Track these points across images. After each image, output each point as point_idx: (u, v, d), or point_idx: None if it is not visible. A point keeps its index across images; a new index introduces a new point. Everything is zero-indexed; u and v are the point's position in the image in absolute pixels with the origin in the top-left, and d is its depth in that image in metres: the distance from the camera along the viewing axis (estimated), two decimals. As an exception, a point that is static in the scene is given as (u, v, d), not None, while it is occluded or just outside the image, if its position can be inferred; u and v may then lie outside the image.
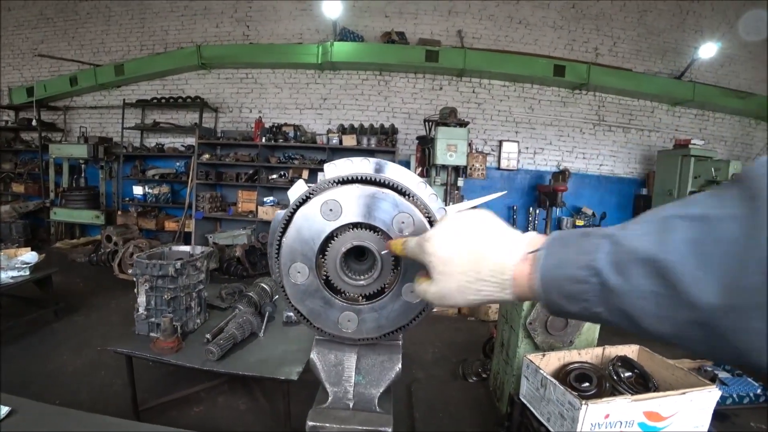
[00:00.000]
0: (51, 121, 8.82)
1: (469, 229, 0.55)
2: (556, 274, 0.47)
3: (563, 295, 0.47)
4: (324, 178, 0.74)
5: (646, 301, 0.41)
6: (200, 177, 7.46)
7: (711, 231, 0.38)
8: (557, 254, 0.48)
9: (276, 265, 0.71)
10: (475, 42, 7.71)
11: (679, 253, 0.38)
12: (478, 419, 3.06)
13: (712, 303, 0.36)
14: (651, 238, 0.41)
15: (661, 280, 0.39)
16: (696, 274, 0.37)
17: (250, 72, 8.08)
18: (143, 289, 2.78)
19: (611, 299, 0.43)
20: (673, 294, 0.39)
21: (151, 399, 3.01)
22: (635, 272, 0.41)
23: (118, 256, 6.12)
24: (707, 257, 0.37)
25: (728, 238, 0.37)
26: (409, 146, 7.68)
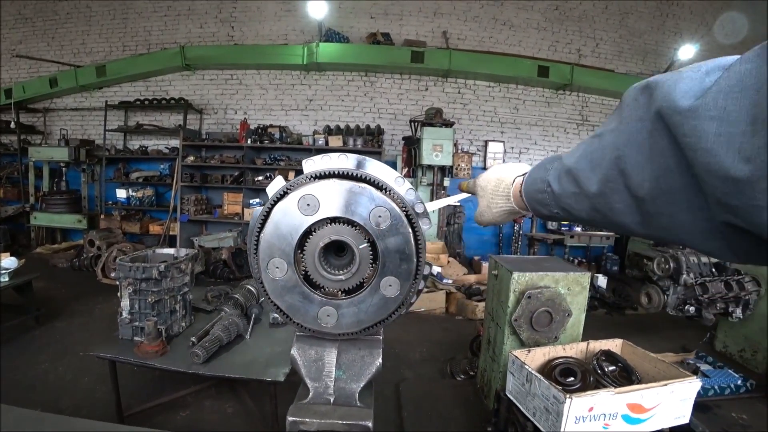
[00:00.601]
0: (30, 124, 8.63)
1: (498, 169, 0.83)
2: (531, 188, 0.69)
3: (536, 201, 0.68)
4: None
5: (570, 199, 0.59)
6: (185, 179, 7.37)
7: (599, 142, 0.53)
8: (533, 174, 0.70)
9: (255, 261, 0.71)
10: (460, 43, 7.77)
11: (581, 162, 0.56)
12: (466, 416, 3.08)
13: (595, 192, 0.53)
14: (574, 155, 0.58)
15: (574, 182, 0.57)
16: (587, 174, 0.54)
17: (234, 73, 8.01)
18: (126, 293, 2.73)
19: (556, 200, 0.62)
20: (579, 190, 0.56)
21: (136, 404, 2.96)
22: (563, 180, 0.59)
23: (102, 260, 6.02)
24: (593, 161, 0.53)
25: (603, 146, 0.52)
26: (395, 147, 7.70)
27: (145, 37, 8.24)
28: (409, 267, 0.70)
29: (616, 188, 0.49)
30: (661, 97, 0.43)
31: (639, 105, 0.47)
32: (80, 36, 8.43)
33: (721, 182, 0.38)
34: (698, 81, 0.42)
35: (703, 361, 3.81)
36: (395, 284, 0.71)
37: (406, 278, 0.71)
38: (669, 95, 0.42)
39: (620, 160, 0.48)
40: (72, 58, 8.39)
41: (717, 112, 0.38)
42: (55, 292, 5.41)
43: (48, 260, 6.93)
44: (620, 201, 0.50)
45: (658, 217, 0.47)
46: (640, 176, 0.46)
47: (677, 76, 0.44)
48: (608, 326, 4.96)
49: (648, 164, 0.45)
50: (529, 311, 2.64)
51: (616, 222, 0.52)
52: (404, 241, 0.70)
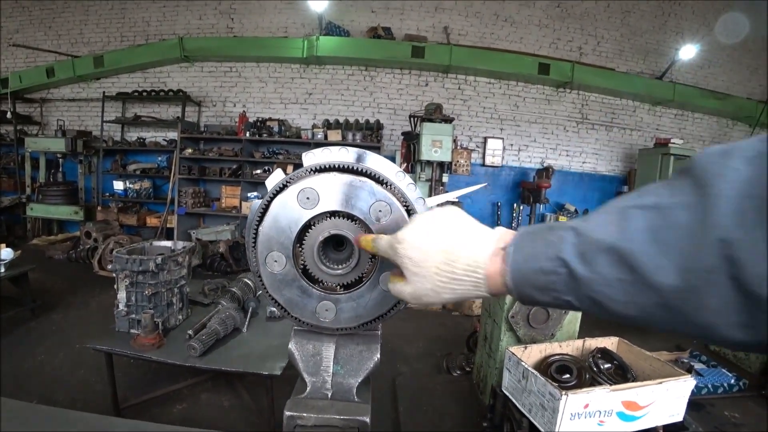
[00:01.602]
0: (27, 114, 8.55)
1: (439, 229, 0.55)
2: (525, 267, 0.49)
3: (534, 287, 0.49)
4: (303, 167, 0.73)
5: (612, 288, 0.43)
6: (183, 172, 7.34)
7: (666, 219, 0.41)
8: (526, 248, 0.50)
9: (253, 254, 0.71)
10: (461, 39, 7.74)
11: (638, 241, 0.41)
12: (462, 412, 3.09)
13: (673, 285, 0.39)
14: (612, 228, 0.43)
15: (625, 268, 0.42)
16: (656, 260, 0.40)
17: (234, 65, 7.96)
18: (123, 285, 2.72)
19: (579, 288, 0.45)
20: (636, 279, 0.41)
21: (132, 397, 2.96)
22: (600, 261, 0.43)
23: (98, 252, 6.00)
24: (664, 243, 0.40)
25: (681, 225, 0.39)
26: (394, 142, 7.67)
27: (143, 27, 8.16)
28: None
29: (717, 281, 0.37)
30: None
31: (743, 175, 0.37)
32: (78, 26, 8.34)
33: None
34: None
35: (697, 360, 3.84)
36: None
37: None
38: None
39: (727, 245, 0.36)
40: (69, 48, 8.30)
41: None
42: (52, 284, 5.39)
43: (44, 252, 6.90)
44: (719, 297, 0.37)
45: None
46: (762, 268, 0.35)
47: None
48: (604, 324, 4.97)
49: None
50: (526, 308, 2.64)
51: (701, 323, 0.39)
52: None
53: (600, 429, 2.02)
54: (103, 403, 2.82)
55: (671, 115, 8.25)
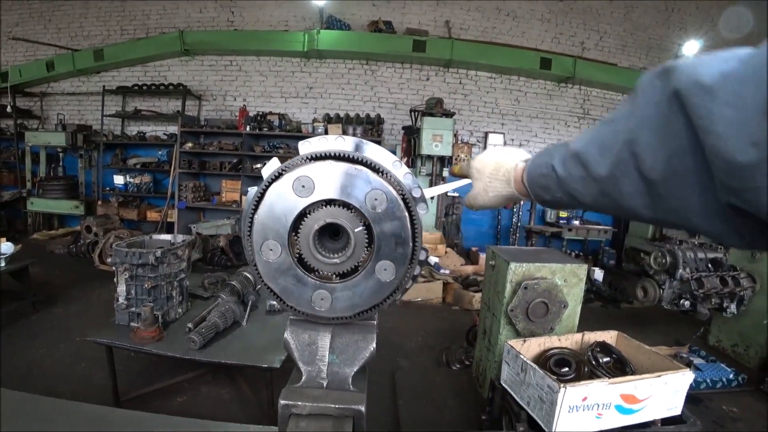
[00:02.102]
0: (27, 108, 8.54)
1: (495, 153, 0.82)
2: (534, 172, 0.69)
3: (539, 186, 0.67)
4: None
5: (576, 183, 0.58)
6: (183, 166, 7.33)
7: (610, 126, 0.53)
8: (536, 160, 0.70)
9: (248, 243, 0.70)
10: (463, 33, 7.70)
11: (590, 146, 0.55)
12: (461, 405, 3.10)
13: (603, 175, 0.53)
14: (582, 139, 0.58)
15: (581, 166, 0.56)
16: (596, 158, 0.54)
17: (234, 59, 7.93)
18: (123, 279, 2.73)
19: (561, 185, 0.61)
20: (587, 174, 0.55)
21: (133, 390, 2.97)
22: (569, 164, 0.59)
23: (99, 246, 6.00)
24: (604, 145, 0.53)
25: (616, 130, 0.52)
26: (395, 136, 7.66)
27: (143, 21, 8.13)
28: (404, 251, 0.69)
29: (627, 171, 0.49)
30: (681, 78, 0.44)
31: (655, 88, 0.47)
32: (77, 19, 8.30)
33: (728, 165, 0.39)
34: (716, 66, 0.42)
35: (696, 354, 3.84)
36: (390, 268, 0.70)
37: (401, 263, 0.70)
38: (688, 76, 0.43)
39: (633, 143, 0.48)
40: (69, 42, 8.27)
41: (732, 98, 0.39)
42: (52, 278, 5.40)
43: (45, 246, 6.91)
44: (630, 184, 0.50)
45: (668, 199, 0.48)
46: (652, 158, 0.47)
47: (696, 61, 0.44)
48: (603, 319, 4.99)
49: (661, 146, 0.46)
50: (526, 302, 2.64)
51: (624, 206, 0.52)
52: (400, 225, 0.69)
53: (598, 422, 2.03)
54: (104, 396, 2.83)
55: (673, 110, 8.21)
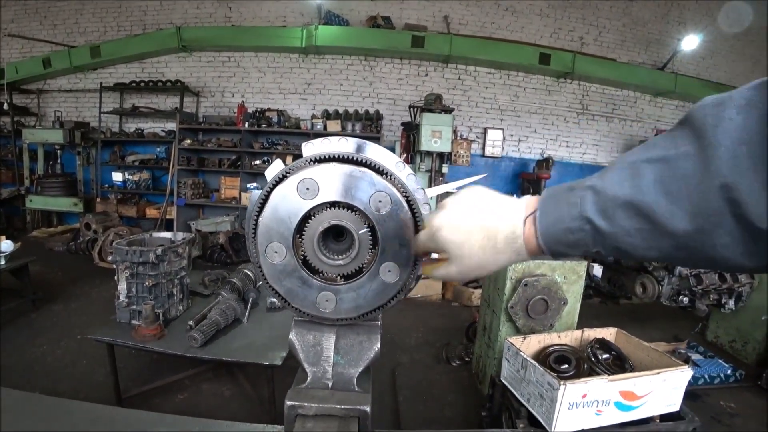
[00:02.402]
0: (24, 105, 8.50)
1: (472, 208, 0.60)
2: (554, 230, 0.54)
3: (565, 245, 0.54)
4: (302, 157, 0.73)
5: (633, 238, 0.48)
6: (182, 163, 7.32)
7: (672, 170, 0.45)
8: (552, 212, 0.54)
9: (253, 245, 0.71)
10: (462, 28, 7.67)
11: (651, 193, 0.46)
12: (461, 401, 3.12)
13: (686, 230, 0.44)
14: (626, 184, 0.48)
15: (641, 218, 0.47)
16: (668, 209, 0.45)
17: (232, 55, 7.89)
18: (124, 277, 2.73)
19: (605, 240, 0.50)
20: (653, 228, 0.46)
21: (134, 387, 2.98)
22: (619, 215, 0.48)
23: (98, 244, 6.00)
24: (673, 193, 0.45)
25: (687, 174, 0.44)
26: (394, 132, 7.65)
27: (140, 17, 8.07)
28: (408, 253, 0.70)
29: (722, 222, 0.42)
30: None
31: (737, 124, 0.41)
32: (74, 15, 8.24)
33: None
34: None
35: (694, 350, 3.87)
36: (395, 270, 0.70)
37: (405, 264, 0.70)
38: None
39: (729, 188, 0.41)
40: (65, 38, 8.22)
41: None
42: (52, 276, 5.40)
43: (44, 244, 6.91)
44: (727, 235, 0.42)
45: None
46: (760, 205, 0.40)
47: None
48: (602, 315, 5.01)
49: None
50: (526, 299, 2.65)
51: (717, 257, 0.45)
52: (404, 227, 0.69)
53: (598, 418, 2.04)
54: (105, 393, 2.84)
55: (672, 107, 8.21)
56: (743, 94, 0.42)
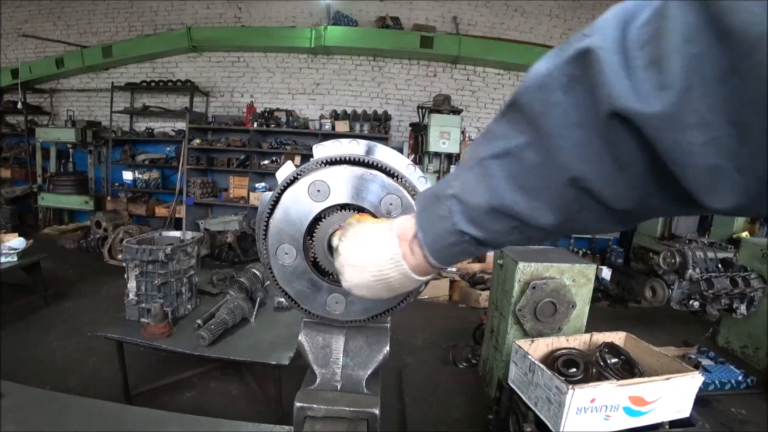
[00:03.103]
0: (37, 104, 8.62)
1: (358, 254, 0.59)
2: (438, 247, 0.53)
3: (455, 256, 0.54)
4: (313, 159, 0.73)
5: (510, 236, 0.49)
6: (191, 162, 7.38)
7: (519, 163, 0.44)
8: (429, 230, 0.53)
9: (264, 246, 0.71)
10: (471, 29, 7.64)
11: (508, 194, 0.45)
12: (468, 404, 3.11)
13: (552, 223, 0.45)
14: (481, 188, 0.47)
15: (510, 218, 0.47)
16: (529, 205, 0.45)
17: (241, 55, 7.94)
18: (133, 275, 2.75)
19: (488, 244, 0.51)
20: (524, 224, 0.46)
21: (142, 384, 3.01)
22: (488, 222, 0.48)
23: (108, 241, 6.07)
24: (528, 188, 0.44)
25: (534, 165, 0.43)
26: (402, 133, 7.64)
27: (151, 17, 8.15)
28: None
29: (584, 206, 0.43)
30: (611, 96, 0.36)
31: (566, 108, 0.39)
32: (86, 16, 8.35)
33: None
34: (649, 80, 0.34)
35: (704, 356, 3.81)
36: None
37: None
38: (621, 96, 0.35)
39: (578, 180, 0.41)
40: (78, 38, 8.32)
41: (697, 119, 0.32)
42: (63, 273, 5.47)
43: (55, 241, 7.00)
44: (591, 215, 0.44)
45: (638, 215, 0.43)
46: (612, 190, 0.40)
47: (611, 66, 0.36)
48: (611, 319, 4.96)
49: (619, 175, 0.39)
50: (534, 301, 2.63)
51: (588, 229, 0.47)
52: None
53: (606, 423, 2.02)
54: (114, 390, 2.87)
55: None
56: (563, 70, 0.40)
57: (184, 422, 1.11)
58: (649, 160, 0.36)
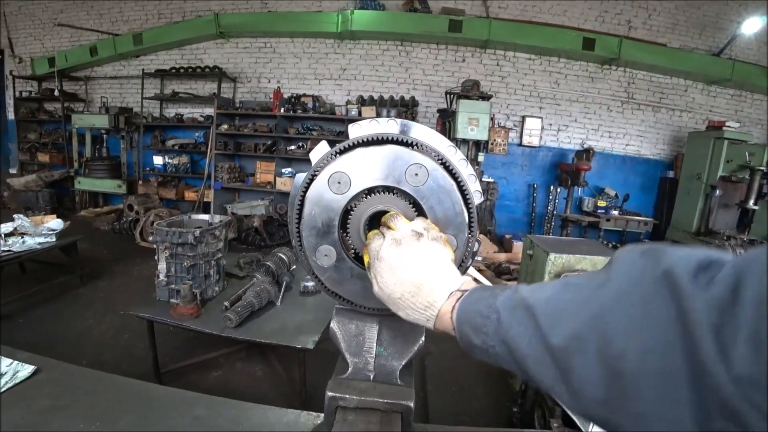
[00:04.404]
0: (73, 92, 8.91)
1: (416, 262, 0.59)
2: (469, 308, 0.55)
3: (471, 327, 0.54)
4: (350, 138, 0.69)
5: (521, 336, 0.48)
6: (219, 147, 7.49)
7: (574, 292, 0.46)
8: (475, 295, 0.56)
9: (301, 252, 0.68)
10: (501, 12, 7.39)
11: (544, 301, 0.47)
12: (490, 395, 3.07)
13: (555, 342, 0.44)
14: (537, 291, 0.50)
15: (532, 322, 0.47)
16: (552, 321, 0.45)
17: (268, 41, 7.95)
18: (163, 257, 2.81)
19: (500, 332, 0.50)
20: (534, 333, 0.46)
21: (171, 362, 3.10)
22: (520, 314, 0.49)
23: (140, 224, 6.25)
24: (565, 310, 0.45)
25: (583, 298, 0.44)
26: (429, 119, 7.52)
27: (180, 4, 8.24)
28: (459, 220, 0.65)
29: (586, 349, 0.41)
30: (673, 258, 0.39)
31: (635, 263, 0.41)
32: (117, 4, 8.51)
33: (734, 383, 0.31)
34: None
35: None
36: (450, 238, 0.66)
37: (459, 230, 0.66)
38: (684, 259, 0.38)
39: (601, 319, 0.41)
40: (110, 27, 8.52)
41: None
42: (98, 253, 5.69)
43: (91, 223, 7.28)
44: (586, 366, 0.41)
45: (634, 400, 0.38)
46: (623, 344, 0.38)
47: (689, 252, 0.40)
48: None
49: (639, 333, 0.37)
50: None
51: (569, 387, 0.43)
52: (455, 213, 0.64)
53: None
54: (145, 367, 2.96)
55: (727, 96, 7.64)
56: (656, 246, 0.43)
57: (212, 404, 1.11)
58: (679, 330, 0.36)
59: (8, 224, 3.93)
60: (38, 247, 3.93)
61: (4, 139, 9.65)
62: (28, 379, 1.21)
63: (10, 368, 1.24)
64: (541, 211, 7.66)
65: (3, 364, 1.25)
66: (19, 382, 1.20)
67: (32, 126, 9.35)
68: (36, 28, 9.12)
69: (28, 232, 3.98)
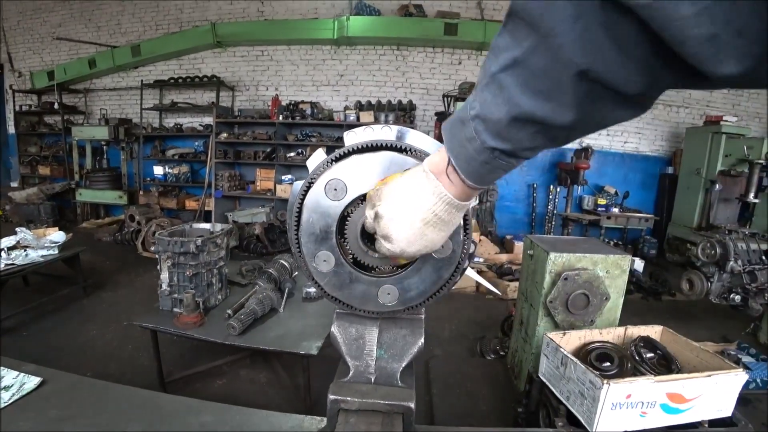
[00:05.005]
0: (72, 104, 8.98)
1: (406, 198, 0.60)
2: (472, 168, 0.54)
3: (488, 173, 0.55)
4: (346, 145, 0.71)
5: (535, 141, 0.49)
6: (219, 156, 7.52)
7: (528, 69, 0.44)
8: (462, 155, 0.54)
9: (301, 258, 0.69)
10: (496, 14, 7.43)
11: (524, 101, 0.46)
12: (495, 396, 3.07)
13: (572, 119, 0.45)
14: (499, 101, 0.48)
15: (531, 125, 0.47)
16: (547, 106, 0.45)
17: (265, 49, 8.00)
18: (166, 266, 2.83)
19: (516, 154, 0.52)
20: (545, 127, 0.47)
21: (176, 371, 3.11)
22: (512, 132, 0.49)
23: (142, 234, 6.27)
24: (542, 91, 0.44)
25: (543, 69, 0.43)
26: (427, 123, 7.56)
27: (176, 15, 8.30)
28: (455, 241, 0.67)
29: (598, 96, 0.43)
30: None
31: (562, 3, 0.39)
32: (115, 17, 8.58)
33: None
34: None
35: (745, 352, 3.64)
36: (446, 244, 0.68)
37: (449, 262, 0.67)
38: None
39: (587, 72, 0.41)
40: (108, 39, 8.58)
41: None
42: (100, 265, 5.70)
43: (93, 234, 7.29)
44: (607, 105, 0.44)
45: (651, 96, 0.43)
46: (621, 76, 0.40)
47: None
48: (644, 311, 4.80)
49: (625, 61, 0.39)
50: (565, 293, 2.56)
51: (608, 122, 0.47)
52: None
53: (642, 420, 1.95)
54: (149, 377, 2.97)
55: (724, 91, 7.67)
56: None
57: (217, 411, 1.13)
58: (650, 40, 0.37)
59: (11, 238, 3.96)
60: (41, 259, 3.95)
61: (5, 153, 9.71)
62: (35, 391, 1.22)
63: (16, 380, 1.26)
64: (542, 210, 7.67)
65: (9, 377, 1.27)
66: (25, 393, 1.21)
67: (33, 139, 9.40)
68: (35, 42, 9.20)
69: (30, 245, 4.00)
